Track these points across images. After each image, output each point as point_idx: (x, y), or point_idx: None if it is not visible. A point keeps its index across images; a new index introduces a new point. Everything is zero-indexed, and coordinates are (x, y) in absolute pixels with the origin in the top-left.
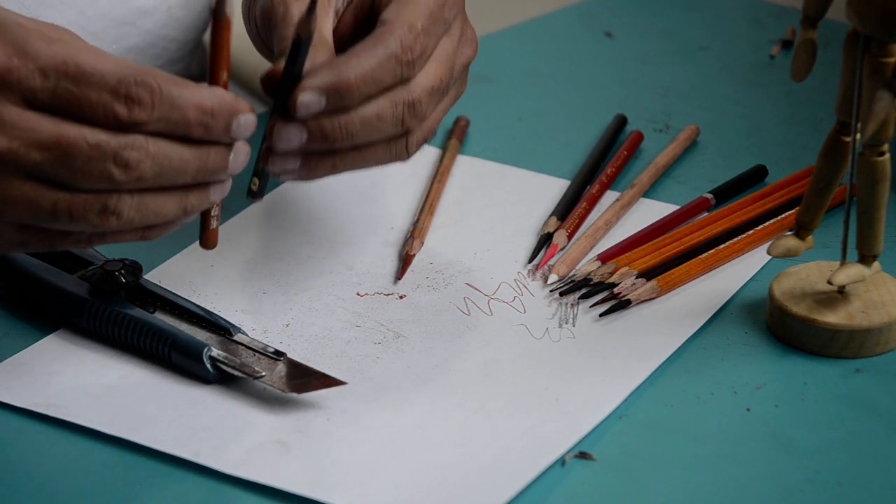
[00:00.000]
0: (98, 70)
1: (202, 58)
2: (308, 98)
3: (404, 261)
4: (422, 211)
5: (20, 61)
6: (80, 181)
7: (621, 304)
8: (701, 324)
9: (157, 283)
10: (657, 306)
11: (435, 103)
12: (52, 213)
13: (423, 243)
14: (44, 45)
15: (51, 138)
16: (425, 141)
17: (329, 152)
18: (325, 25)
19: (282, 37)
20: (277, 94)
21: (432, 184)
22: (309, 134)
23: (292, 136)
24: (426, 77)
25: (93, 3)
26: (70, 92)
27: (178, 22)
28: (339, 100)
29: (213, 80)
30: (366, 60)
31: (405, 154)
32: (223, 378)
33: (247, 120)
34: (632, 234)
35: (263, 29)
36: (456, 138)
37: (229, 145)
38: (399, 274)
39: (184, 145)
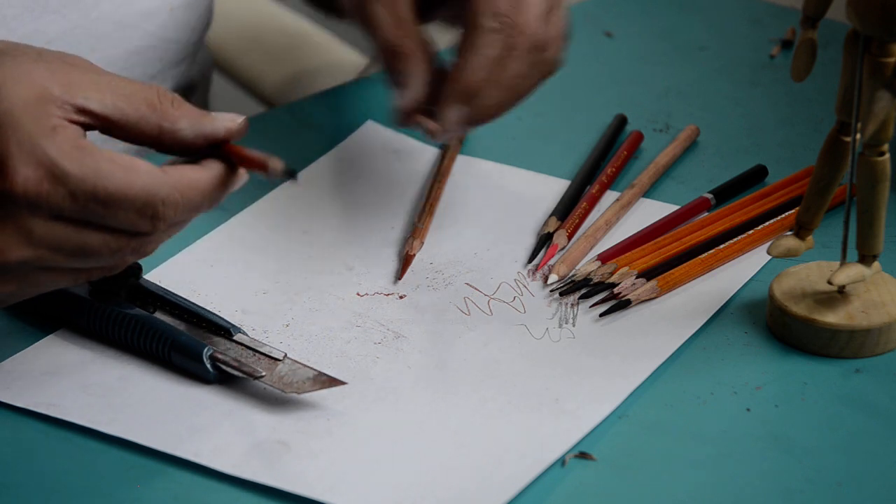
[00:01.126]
0: (126, 194)
1: (203, 60)
2: (452, 121)
3: (404, 261)
4: (422, 211)
5: (51, 186)
6: (99, 267)
7: (621, 304)
8: (701, 324)
9: (157, 283)
10: (657, 306)
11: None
12: (74, 280)
13: (423, 243)
14: (75, 165)
15: (76, 246)
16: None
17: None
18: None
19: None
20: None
21: (432, 184)
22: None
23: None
24: (554, 28)
25: (96, 5)
26: (98, 212)
27: (180, 23)
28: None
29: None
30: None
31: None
32: (223, 378)
33: (241, 183)
34: (632, 234)
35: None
36: (457, 139)
37: None
38: (399, 274)
39: (194, 213)
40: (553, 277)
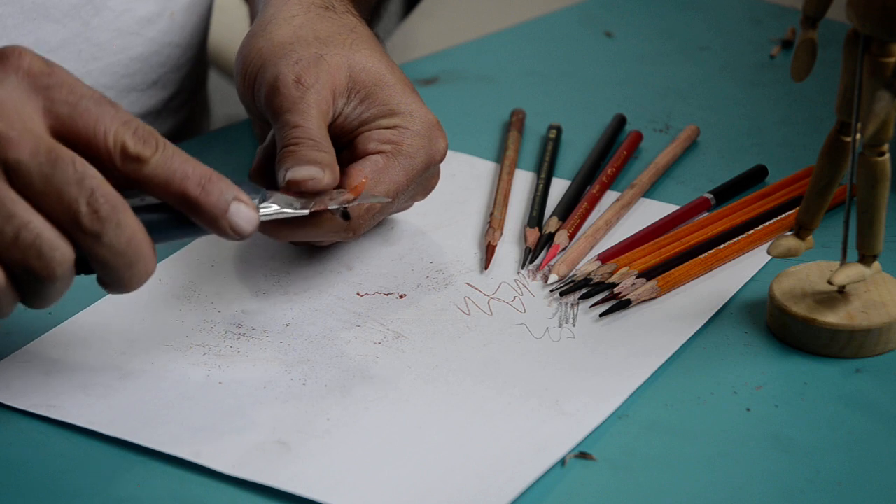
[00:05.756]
0: None
1: (204, 63)
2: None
3: (487, 251)
4: (496, 202)
5: None
6: None
7: (621, 304)
8: (701, 324)
9: (157, 281)
10: (657, 306)
11: None
12: None
13: (503, 233)
14: None
15: None
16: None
17: None
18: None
19: (288, 123)
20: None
21: (500, 174)
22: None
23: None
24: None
25: (96, 13)
26: None
27: (182, 27)
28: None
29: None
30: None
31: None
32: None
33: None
34: (632, 234)
35: (267, 97)
36: (516, 130)
37: None
38: (485, 264)
39: None
40: (553, 277)
